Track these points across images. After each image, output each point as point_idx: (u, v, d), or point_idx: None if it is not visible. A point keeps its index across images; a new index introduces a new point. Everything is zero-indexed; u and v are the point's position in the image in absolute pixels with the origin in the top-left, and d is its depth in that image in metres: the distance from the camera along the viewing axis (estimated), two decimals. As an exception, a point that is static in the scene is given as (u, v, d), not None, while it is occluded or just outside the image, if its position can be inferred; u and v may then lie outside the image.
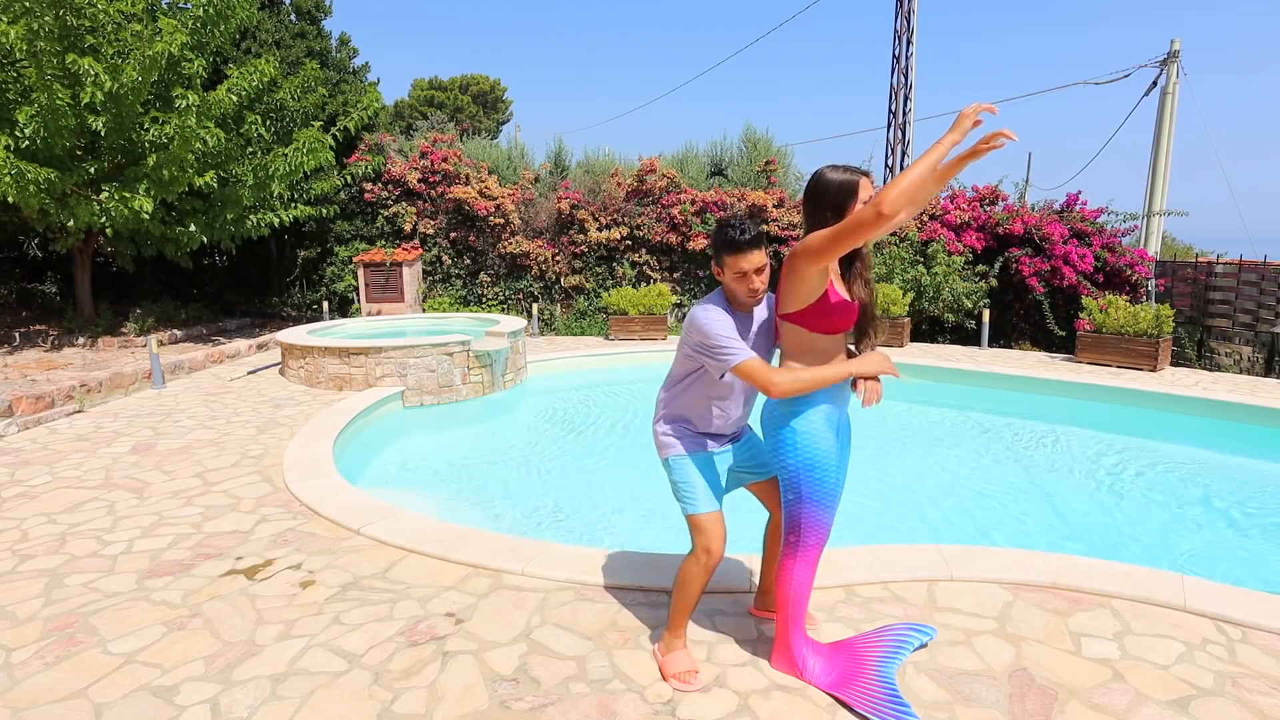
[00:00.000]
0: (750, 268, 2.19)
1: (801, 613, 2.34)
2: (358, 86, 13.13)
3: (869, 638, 2.50)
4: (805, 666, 2.33)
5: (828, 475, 2.21)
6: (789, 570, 2.29)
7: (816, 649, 2.40)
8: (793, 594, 2.30)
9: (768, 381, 2.13)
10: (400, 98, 29.00)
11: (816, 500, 2.21)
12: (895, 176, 1.99)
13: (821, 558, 2.39)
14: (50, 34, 7.32)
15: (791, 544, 2.28)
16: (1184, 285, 10.37)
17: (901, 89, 16.44)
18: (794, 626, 2.34)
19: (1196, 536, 4.26)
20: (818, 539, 2.27)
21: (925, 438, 6.24)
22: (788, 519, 2.28)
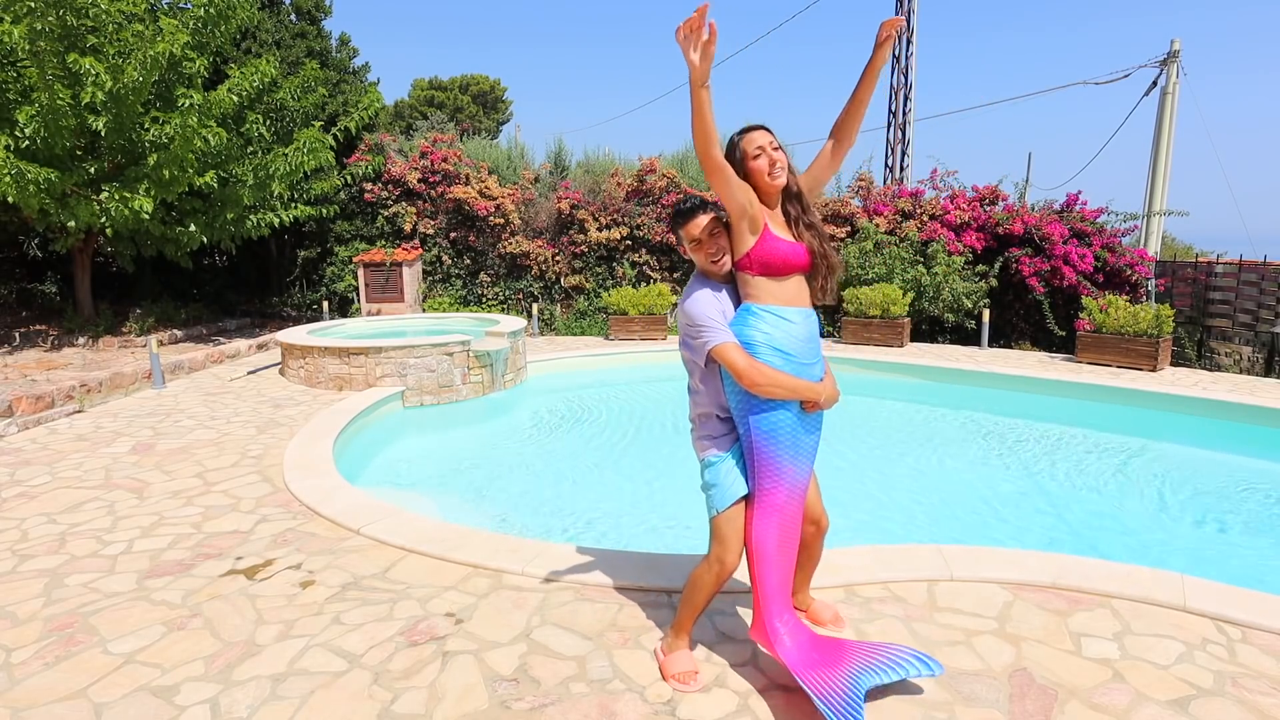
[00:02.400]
0: (700, 233, 2.26)
1: (770, 576, 2.24)
2: (358, 86, 13.13)
3: (864, 646, 2.35)
4: (776, 638, 2.23)
5: (778, 414, 2.21)
6: (751, 521, 2.26)
7: (796, 629, 2.29)
8: (756, 548, 2.24)
9: (742, 370, 2.15)
10: (400, 98, 29.01)
11: (766, 433, 2.21)
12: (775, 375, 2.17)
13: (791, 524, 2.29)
14: (52, 34, 7.33)
15: (753, 490, 2.27)
16: (1184, 285, 10.37)
17: (901, 89, 16.44)
18: (765, 592, 2.25)
19: (1197, 536, 4.26)
20: (775, 484, 2.23)
21: (925, 438, 6.24)
22: (747, 460, 2.29)
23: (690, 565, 3.14)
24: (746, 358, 2.16)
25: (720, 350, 2.17)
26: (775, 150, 2.20)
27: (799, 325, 2.23)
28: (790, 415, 2.23)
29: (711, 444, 2.35)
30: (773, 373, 2.16)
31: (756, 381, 2.15)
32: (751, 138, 2.21)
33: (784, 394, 2.18)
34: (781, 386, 2.17)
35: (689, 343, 2.29)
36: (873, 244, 10.45)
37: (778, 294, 2.23)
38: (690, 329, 2.25)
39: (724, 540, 2.29)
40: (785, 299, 2.23)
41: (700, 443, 2.40)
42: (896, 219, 10.81)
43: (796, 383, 2.19)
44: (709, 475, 2.34)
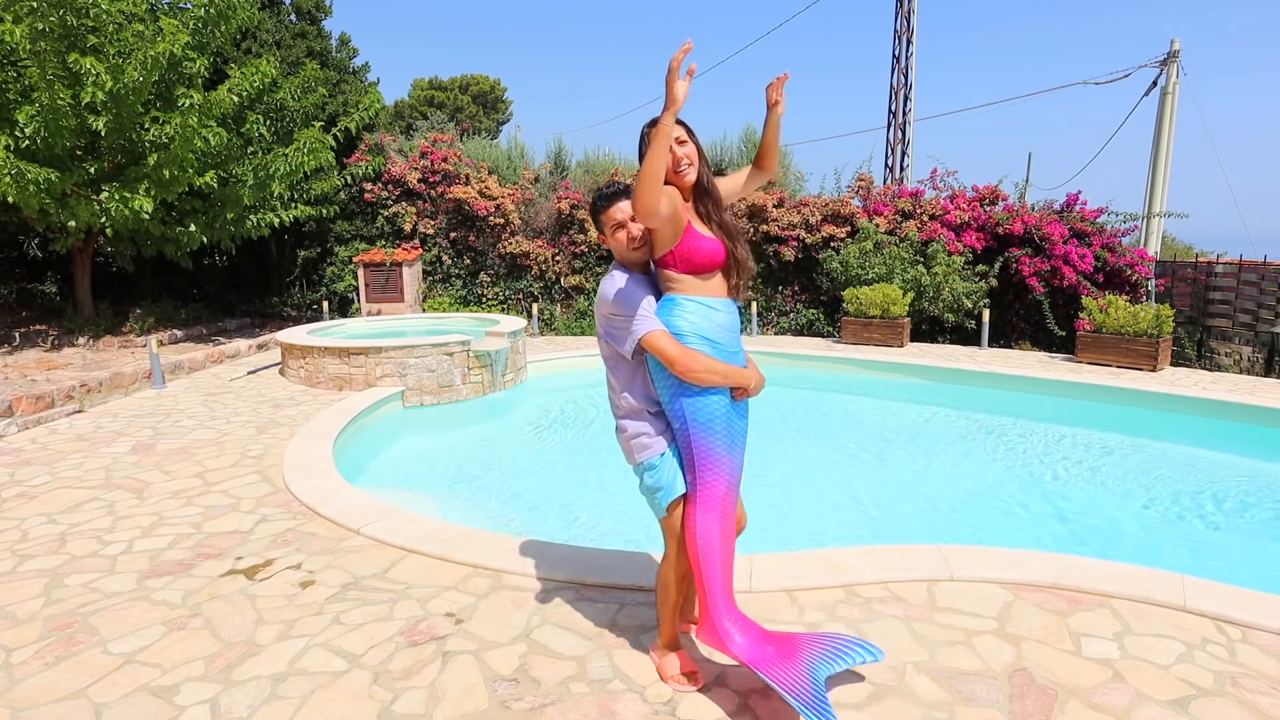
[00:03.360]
0: (622, 217, 2.25)
1: (716, 573, 2.21)
2: (358, 87, 13.13)
3: (811, 637, 2.33)
4: (728, 637, 2.18)
5: (711, 401, 2.19)
6: (691, 517, 2.22)
7: (746, 626, 2.25)
8: (701, 546, 2.19)
9: (674, 358, 2.13)
10: (400, 98, 29.01)
11: (702, 424, 2.19)
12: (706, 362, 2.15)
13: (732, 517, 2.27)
14: (52, 34, 7.33)
15: (691, 484, 2.23)
16: (1184, 285, 10.37)
17: (901, 89, 16.44)
18: (712, 590, 2.20)
19: (1196, 536, 4.26)
20: (715, 475, 2.21)
21: (925, 438, 6.24)
22: (683, 455, 2.25)
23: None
24: (678, 345, 2.14)
25: (651, 338, 2.15)
26: (682, 145, 2.20)
27: (723, 314, 2.24)
28: (724, 403, 2.22)
29: (649, 444, 2.27)
30: (706, 359, 2.15)
31: (690, 368, 2.13)
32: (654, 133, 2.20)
33: (717, 380, 2.17)
34: (715, 373, 2.16)
35: (612, 333, 2.25)
36: (873, 244, 10.45)
37: (701, 287, 2.23)
38: (615, 317, 2.22)
39: (678, 534, 2.28)
40: (709, 291, 2.24)
41: (635, 444, 2.29)
42: (896, 219, 10.81)
43: (728, 368, 2.19)
44: (652, 478, 2.27)
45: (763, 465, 5.54)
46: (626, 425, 2.32)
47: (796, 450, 5.98)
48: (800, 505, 4.67)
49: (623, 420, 2.33)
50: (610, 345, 2.29)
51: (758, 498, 4.76)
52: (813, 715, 1.96)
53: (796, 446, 6.10)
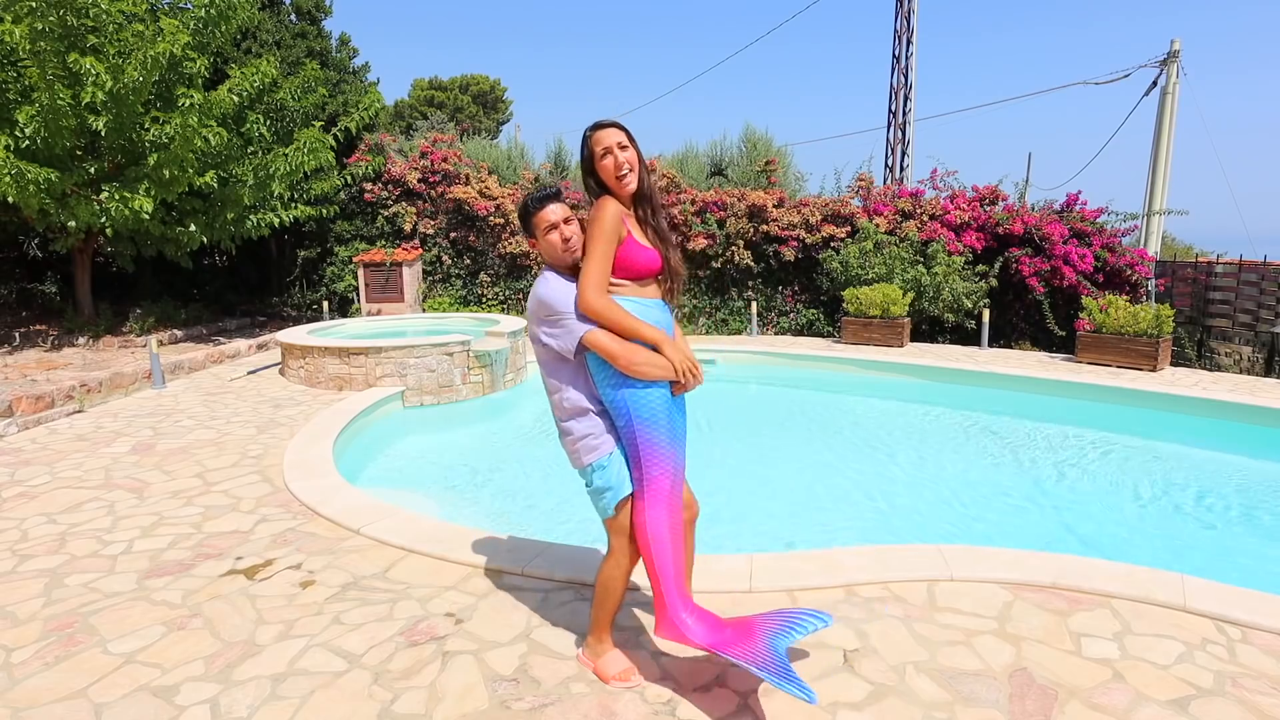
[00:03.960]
0: (556, 219, 2.28)
1: (669, 566, 2.23)
2: (358, 86, 13.13)
3: (764, 616, 2.39)
4: (685, 626, 2.21)
5: (652, 395, 2.23)
6: (640, 513, 2.24)
7: (702, 615, 2.28)
8: (652, 540, 2.21)
9: (617, 353, 2.16)
10: (400, 98, 29.01)
11: (645, 419, 2.22)
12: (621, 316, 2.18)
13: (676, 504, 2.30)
14: (52, 34, 7.33)
15: (638, 480, 2.25)
16: (1184, 285, 10.37)
17: (901, 89, 16.44)
18: (666, 584, 2.22)
19: (1197, 536, 4.26)
20: (661, 470, 2.24)
21: (925, 438, 6.24)
22: (628, 452, 2.27)
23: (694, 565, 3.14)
24: (619, 340, 2.17)
25: (592, 335, 2.17)
26: (623, 150, 2.23)
27: (657, 313, 2.29)
28: (665, 397, 2.26)
29: (596, 444, 2.27)
30: (647, 352, 2.19)
31: (633, 360, 2.16)
32: (599, 137, 2.25)
33: (659, 374, 2.20)
34: (656, 365, 2.20)
35: (552, 333, 2.25)
36: (873, 244, 10.45)
37: (639, 291, 2.28)
38: (553, 318, 2.23)
39: (623, 533, 2.29)
40: (644, 294, 2.29)
41: (583, 445, 2.28)
42: (896, 219, 10.81)
43: (667, 360, 2.22)
44: (601, 479, 2.27)
45: (763, 465, 5.54)
46: (572, 428, 2.31)
47: (796, 450, 5.98)
48: (800, 505, 4.67)
49: (567, 423, 2.32)
50: (548, 348, 2.29)
51: (758, 497, 4.78)
52: (783, 684, 2.01)
53: (797, 447, 6.10)
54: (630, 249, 2.23)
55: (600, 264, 2.17)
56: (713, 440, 6.24)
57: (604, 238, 2.17)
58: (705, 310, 11.78)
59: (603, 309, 2.16)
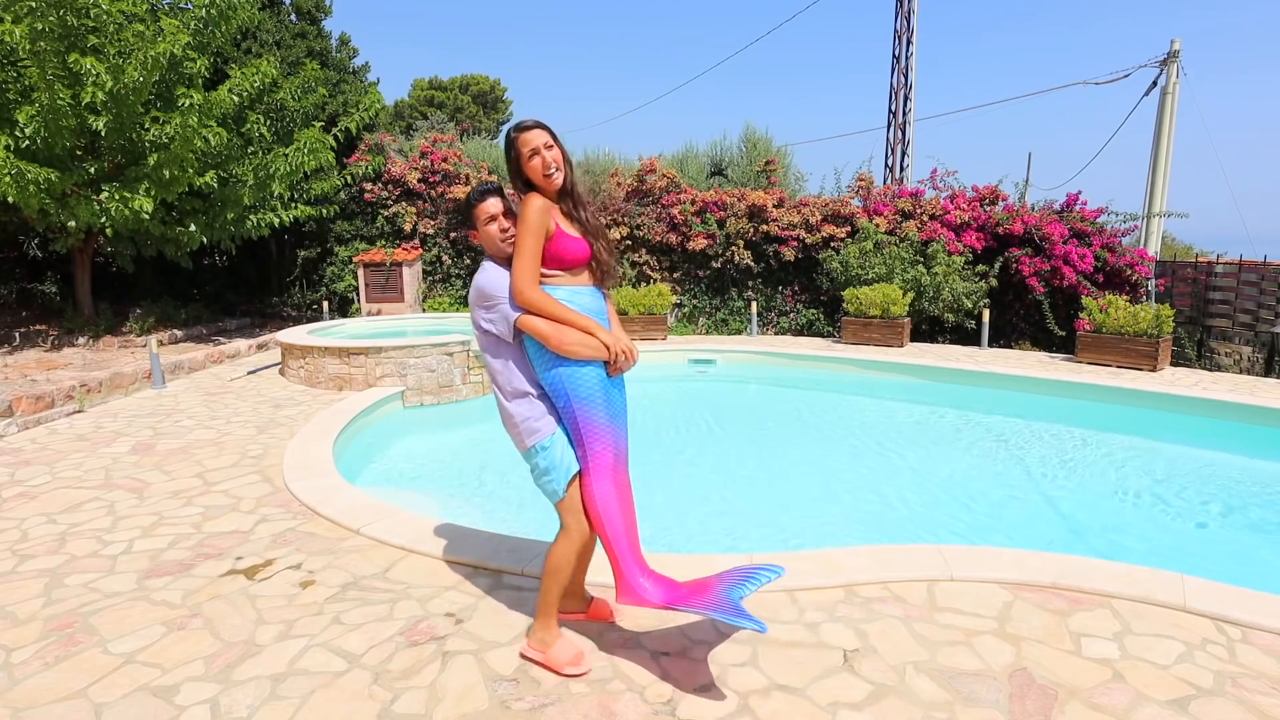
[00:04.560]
0: (495, 210, 2.41)
1: (621, 536, 2.33)
2: (358, 86, 13.13)
3: (719, 574, 2.50)
4: (642, 589, 2.31)
5: (587, 375, 2.33)
6: (588, 488, 2.34)
7: (658, 579, 2.39)
8: (602, 512, 2.32)
9: (548, 334, 2.27)
10: (400, 98, 29.02)
11: (583, 398, 2.32)
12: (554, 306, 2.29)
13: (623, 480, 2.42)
14: (52, 34, 7.33)
15: (582, 458, 2.36)
16: (1184, 285, 10.37)
17: (901, 89, 16.45)
18: (620, 552, 2.33)
19: (1197, 536, 4.26)
20: (603, 445, 2.34)
21: (925, 438, 6.24)
22: (570, 431, 2.37)
23: (692, 566, 3.14)
24: (550, 323, 2.28)
25: (525, 319, 2.29)
26: (549, 150, 2.34)
27: (589, 299, 2.41)
28: (600, 375, 2.36)
29: (538, 427, 2.36)
30: (577, 334, 2.29)
31: (564, 341, 2.27)
32: (525, 138, 2.34)
33: (589, 353, 2.30)
34: (587, 345, 2.30)
35: (489, 318, 2.37)
36: (873, 244, 10.45)
37: (571, 280, 2.40)
38: (489, 302, 2.35)
39: (575, 511, 2.38)
40: (577, 282, 2.40)
41: (524, 428, 2.37)
42: (896, 219, 10.81)
43: (598, 340, 2.31)
44: (545, 460, 2.36)
45: (763, 465, 5.54)
46: (514, 410, 2.40)
47: (796, 450, 5.98)
48: (800, 505, 4.67)
49: (509, 405, 2.41)
50: (488, 334, 2.40)
51: (758, 497, 4.78)
52: (739, 621, 2.15)
53: (796, 447, 6.10)
54: (559, 241, 2.34)
55: (530, 258, 2.28)
56: (713, 440, 6.24)
57: (532, 233, 2.28)
58: (705, 310, 11.78)
59: (536, 300, 2.28)
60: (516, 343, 2.38)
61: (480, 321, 2.40)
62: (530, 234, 2.28)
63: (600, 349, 2.32)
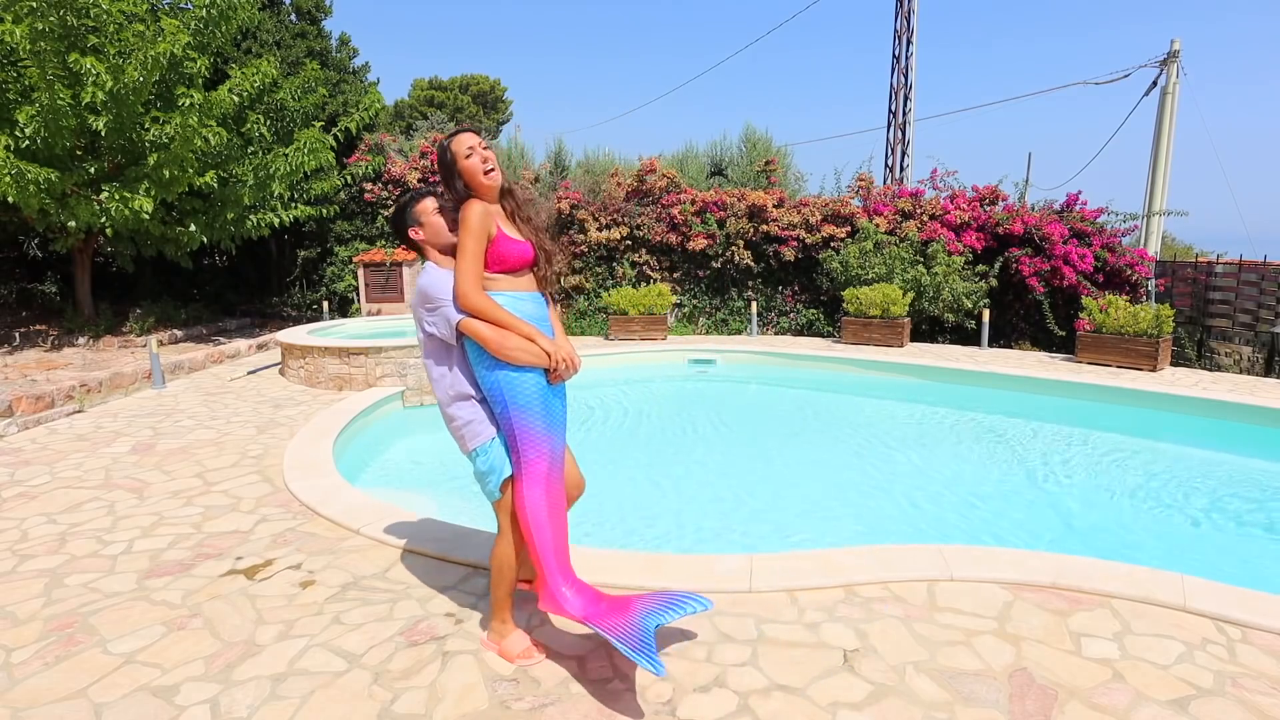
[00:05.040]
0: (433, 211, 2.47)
1: (548, 543, 2.36)
2: (358, 87, 13.13)
3: (645, 595, 2.50)
4: (564, 599, 2.35)
5: (526, 382, 2.35)
6: (520, 494, 2.37)
7: (581, 589, 2.41)
8: (531, 519, 2.35)
9: (489, 337, 2.30)
10: (400, 98, 29.00)
11: (521, 405, 2.35)
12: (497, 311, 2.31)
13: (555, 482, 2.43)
14: (53, 34, 7.33)
15: (517, 464, 2.38)
16: (1184, 285, 10.37)
17: (901, 89, 16.45)
18: (546, 560, 2.36)
19: (1196, 536, 4.26)
20: (538, 453, 2.37)
21: (925, 438, 6.24)
22: (506, 437, 2.40)
23: (692, 566, 3.15)
24: (493, 328, 2.31)
25: (467, 322, 2.31)
26: (485, 149, 2.38)
27: (531, 305, 2.43)
28: (539, 384, 2.38)
29: (479, 431, 2.41)
30: (518, 339, 2.31)
31: (504, 345, 2.29)
32: (461, 139, 2.38)
33: (530, 359, 2.32)
34: (527, 351, 2.32)
35: (432, 321, 2.39)
36: (873, 244, 10.45)
37: (513, 283, 2.42)
38: (431, 304, 2.38)
39: (511, 513, 2.43)
40: (519, 286, 2.43)
41: (466, 431, 2.42)
42: (896, 219, 10.81)
43: (540, 343, 2.34)
44: (484, 463, 2.41)
45: (763, 465, 5.54)
46: (456, 413, 2.43)
47: (796, 450, 5.98)
48: (800, 505, 4.67)
49: (451, 409, 2.44)
50: (432, 336, 2.43)
51: (758, 497, 4.78)
52: (636, 657, 2.12)
53: (796, 446, 6.10)
54: (501, 244, 2.36)
55: (472, 262, 2.30)
56: (713, 440, 6.24)
57: (473, 235, 2.29)
58: (705, 310, 11.78)
59: (479, 305, 2.30)
60: (458, 346, 2.41)
61: (423, 323, 2.44)
62: (472, 237, 2.29)
63: (541, 356, 2.34)
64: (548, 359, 2.34)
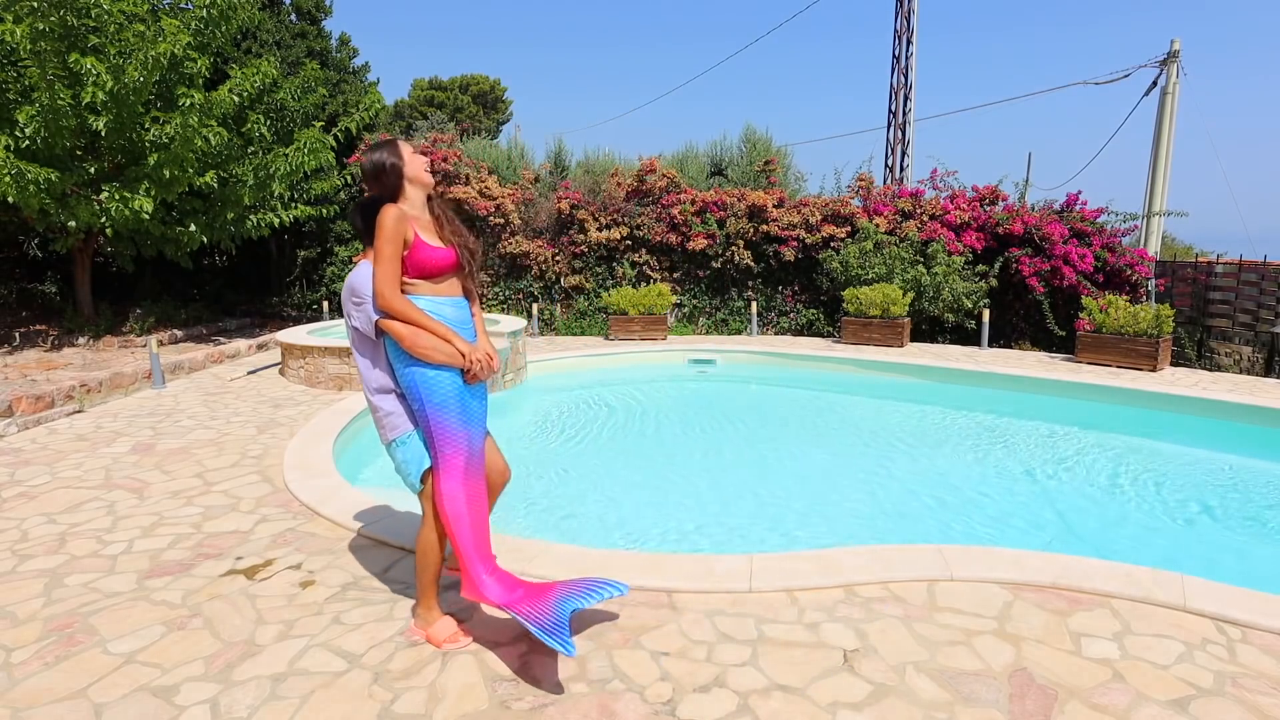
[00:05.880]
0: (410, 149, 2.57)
1: (467, 533, 2.45)
2: (358, 86, 13.14)
3: (564, 582, 2.58)
4: (483, 585, 2.44)
5: (442, 381, 2.44)
6: (438, 486, 2.46)
7: (500, 577, 2.50)
8: (449, 511, 2.44)
9: (404, 335, 2.40)
10: (400, 98, 28.99)
11: (436, 403, 2.44)
12: (413, 312, 2.41)
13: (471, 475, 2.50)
14: (53, 34, 7.33)
15: (434, 458, 2.47)
16: (1184, 285, 10.37)
17: (901, 89, 16.45)
18: (465, 549, 2.45)
19: (1197, 536, 4.26)
20: (454, 448, 2.46)
21: (925, 438, 6.24)
22: (423, 431, 2.50)
23: (692, 566, 3.15)
24: (408, 326, 2.41)
25: (386, 320, 2.43)
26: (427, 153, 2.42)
27: (452, 310, 2.52)
28: (455, 383, 2.47)
29: (397, 424, 2.52)
30: (430, 338, 2.41)
31: (416, 344, 2.39)
32: (403, 142, 2.55)
33: (442, 358, 2.41)
34: (440, 350, 2.41)
35: (357, 315, 2.52)
36: (873, 244, 10.45)
37: (434, 289, 2.51)
38: (356, 299, 2.51)
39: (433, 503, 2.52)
40: (440, 292, 2.52)
41: (386, 422, 2.53)
42: (896, 219, 10.82)
43: (452, 347, 2.43)
44: (401, 454, 2.52)
45: (763, 465, 5.54)
46: (378, 404, 2.55)
47: (796, 450, 5.98)
48: (800, 505, 4.67)
49: (374, 400, 2.55)
50: (356, 330, 2.55)
51: (758, 497, 4.78)
52: (547, 638, 2.23)
53: (796, 446, 6.10)
54: (420, 250, 2.45)
55: (389, 263, 2.40)
56: (713, 440, 6.24)
57: (389, 239, 2.39)
58: (705, 310, 11.78)
59: (395, 305, 2.40)
60: (380, 341, 2.51)
61: (349, 317, 2.55)
62: (387, 240, 2.38)
63: (454, 355, 2.43)
64: (461, 359, 2.43)
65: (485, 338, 2.60)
